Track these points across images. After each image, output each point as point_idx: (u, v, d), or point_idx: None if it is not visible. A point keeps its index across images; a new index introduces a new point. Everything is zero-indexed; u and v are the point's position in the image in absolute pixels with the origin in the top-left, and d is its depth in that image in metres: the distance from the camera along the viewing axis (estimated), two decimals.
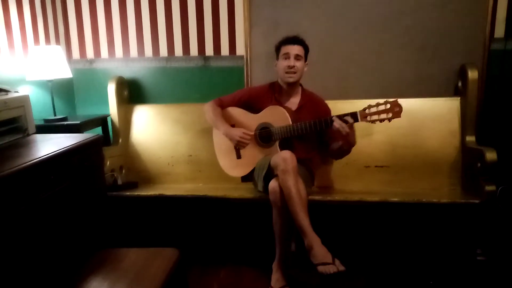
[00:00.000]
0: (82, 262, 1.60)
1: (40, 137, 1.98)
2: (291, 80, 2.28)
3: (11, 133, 1.92)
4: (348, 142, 2.12)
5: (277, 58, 2.34)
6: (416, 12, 2.60)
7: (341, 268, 1.77)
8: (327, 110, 2.38)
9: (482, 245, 2.24)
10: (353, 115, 2.06)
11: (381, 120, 2.04)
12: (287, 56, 2.26)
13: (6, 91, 1.98)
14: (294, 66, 2.25)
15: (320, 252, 1.82)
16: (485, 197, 2.13)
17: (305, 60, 2.32)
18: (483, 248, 2.24)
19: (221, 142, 2.43)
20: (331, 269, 1.77)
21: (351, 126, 2.05)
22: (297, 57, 2.26)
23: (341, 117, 2.07)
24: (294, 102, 2.36)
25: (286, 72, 2.27)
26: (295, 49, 2.26)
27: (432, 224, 2.40)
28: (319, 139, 2.37)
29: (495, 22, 2.54)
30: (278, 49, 2.33)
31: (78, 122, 2.51)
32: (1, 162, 1.46)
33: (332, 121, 2.09)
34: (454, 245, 2.36)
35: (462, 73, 2.53)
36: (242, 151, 2.38)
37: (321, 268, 1.79)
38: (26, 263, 1.40)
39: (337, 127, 2.05)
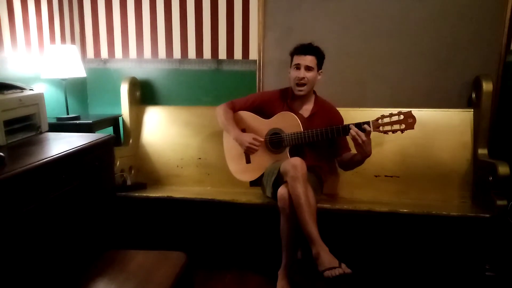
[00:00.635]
0: (90, 262, 1.60)
1: (52, 135, 2.00)
2: (300, 93, 2.27)
3: (24, 130, 1.94)
4: (363, 152, 2.06)
5: (291, 66, 2.33)
6: (431, 22, 2.58)
7: (347, 270, 1.75)
8: (340, 118, 2.36)
9: (491, 261, 2.21)
10: (366, 124, 2.04)
11: (394, 131, 2.02)
12: (298, 66, 2.25)
13: (22, 89, 2.00)
14: (304, 78, 2.23)
15: (327, 259, 1.80)
16: (496, 211, 2.11)
17: (319, 69, 2.29)
18: (492, 264, 2.21)
19: (231, 146, 2.43)
20: (336, 271, 1.75)
21: (368, 135, 2.02)
22: (308, 68, 2.23)
23: (359, 125, 2.05)
24: (307, 109, 2.35)
25: (296, 84, 2.26)
26: (306, 60, 2.23)
27: (441, 237, 2.38)
28: (329, 147, 2.36)
29: None
30: (291, 57, 2.32)
31: (90, 121, 2.52)
32: (14, 160, 1.47)
33: (346, 129, 2.07)
34: (463, 259, 2.34)
35: (476, 85, 2.50)
36: (252, 156, 2.37)
37: (327, 273, 1.76)
38: (34, 262, 1.41)
39: (353, 134, 2.02)
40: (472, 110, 2.52)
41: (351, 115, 2.42)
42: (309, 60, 2.23)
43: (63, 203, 1.55)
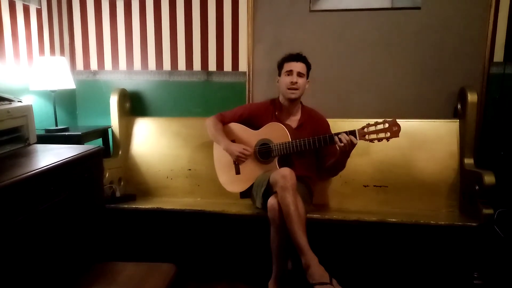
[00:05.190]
0: (79, 275, 1.59)
1: (41, 147, 1.98)
2: (293, 96, 2.30)
3: (12, 142, 1.92)
4: (344, 161, 2.16)
5: (279, 75, 2.37)
6: (417, 35, 2.63)
7: (338, 287, 1.76)
8: (327, 126, 2.40)
9: (479, 269, 2.23)
10: (352, 133, 2.07)
11: (380, 139, 2.04)
12: (290, 73, 2.29)
13: (10, 101, 1.99)
14: (296, 83, 2.28)
15: (317, 271, 1.81)
16: (483, 220, 2.13)
17: (307, 78, 2.34)
18: (480, 272, 2.23)
19: (221, 157, 2.44)
20: None
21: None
22: (299, 74, 2.29)
23: (346, 133, 2.08)
24: (294, 119, 2.38)
25: (289, 88, 2.29)
26: (298, 67, 2.29)
27: (429, 246, 2.39)
28: (318, 157, 2.38)
29: (495, 46, 2.58)
30: (280, 65, 2.36)
31: (79, 133, 2.51)
32: (1, 172, 1.46)
33: (333, 138, 2.09)
34: (451, 268, 2.35)
35: (461, 96, 2.55)
36: (241, 167, 2.38)
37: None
38: (23, 275, 1.39)
39: (344, 142, 2.04)
40: (458, 120, 2.56)
41: (338, 126, 2.45)
42: (301, 67, 2.29)
43: (51, 215, 1.54)
